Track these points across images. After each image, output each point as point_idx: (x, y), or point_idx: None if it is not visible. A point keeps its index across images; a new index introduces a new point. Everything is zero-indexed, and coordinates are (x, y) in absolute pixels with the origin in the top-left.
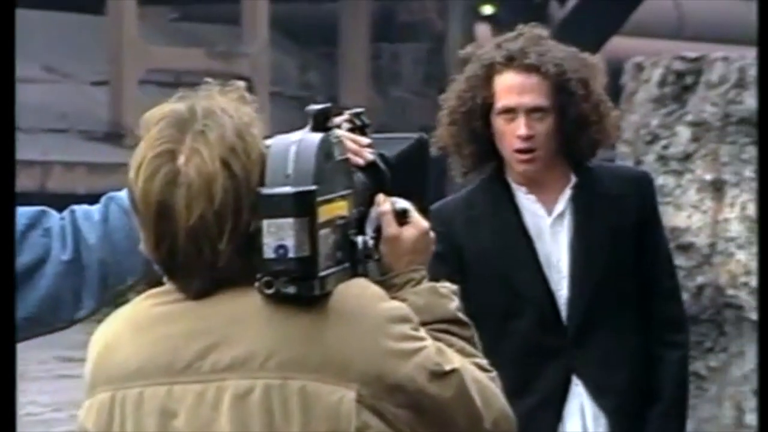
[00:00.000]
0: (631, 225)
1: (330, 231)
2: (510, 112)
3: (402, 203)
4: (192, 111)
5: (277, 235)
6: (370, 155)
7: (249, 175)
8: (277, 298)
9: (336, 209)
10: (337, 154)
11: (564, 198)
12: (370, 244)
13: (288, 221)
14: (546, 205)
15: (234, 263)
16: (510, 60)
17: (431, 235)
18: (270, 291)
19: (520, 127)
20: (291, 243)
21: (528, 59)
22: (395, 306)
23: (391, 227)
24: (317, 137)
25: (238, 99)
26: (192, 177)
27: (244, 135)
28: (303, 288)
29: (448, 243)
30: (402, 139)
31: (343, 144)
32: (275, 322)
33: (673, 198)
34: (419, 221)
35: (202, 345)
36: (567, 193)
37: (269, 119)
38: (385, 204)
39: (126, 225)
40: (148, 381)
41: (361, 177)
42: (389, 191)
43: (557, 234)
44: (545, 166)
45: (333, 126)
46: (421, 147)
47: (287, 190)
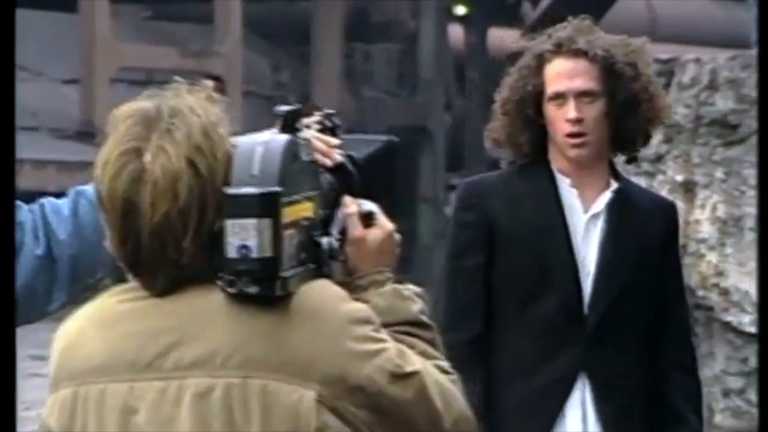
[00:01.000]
0: (657, 246)
1: (294, 232)
2: (560, 97)
3: (368, 205)
4: (159, 109)
5: (241, 235)
6: (338, 156)
7: (214, 175)
8: (240, 297)
9: (301, 210)
10: (304, 155)
11: (603, 199)
12: (335, 245)
13: (251, 222)
14: (584, 203)
15: (198, 261)
16: (559, 47)
17: (396, 238)
18: (233, 290)
19: (570, 111)
20: (254, 243)
21: (576, 45)
22: (357, 308)
23: (357, 229)
24: (284, 138)
25: (206, 98)
26: (157, 175)
27: (210, 134)
28: (265, 288)
29: (480, 213)
30: (372, 141)
31: (311, 145)
32: (238, 321)
33: None
34: (385, 223)
35: (164, 342)
36: (607, 196)
37: (242, 118)
38: (352, 206)
39: (95, 219)
40: (110, 377)
41: (329, 178)
42: (357, 193)
43: (590, 232)
44: (595, 154)
45: (302, 127)
46: (391, 149)
47: (252, 190)
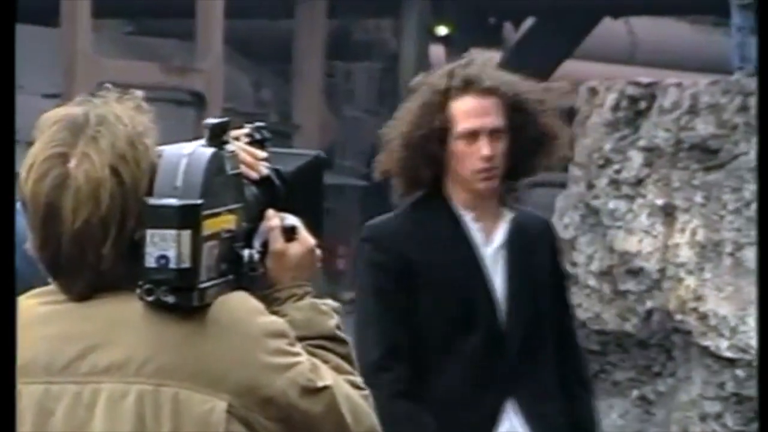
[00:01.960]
0: (549, 266)
1: (215, 243)
2: (472, 134)
3: (291, 219)
4: (86, 116)
5: (160, 246)
6: (264, 170)
7: (137, 184)
8: (157, 305)
9: (222, 222)
10: (229, 168)
11: (502, 231)
12: (255, 257)
13: (171, 233)
14: (486, 236)
15: (117, 268)
16: (467, 84)
17: (317, 253)
18: (150, 298)
19: (483, 148)
20: (173, 254)
21: (485, 82)
22: (272, 320)
23: (278, 242)
24: (209, 151)
25: (134, 108)
26: (81, 181)
27: (135, 144)
28: (182, 298)
29: (392, 254)
30: (300, 156)
31: (237, 158)
32: (154, 328)
33: (624, 222)
34: (306, 238)
35: (81, 346)
36: (504, 227)
37: None
38: (274, 219)
39: None
40: (27, 379)
41: (254, 191)
42: (282, 207)
43: (495, 265)
44: (498, 186)
45: (230, 139)
46: (318, 165)
47: (173, 202)
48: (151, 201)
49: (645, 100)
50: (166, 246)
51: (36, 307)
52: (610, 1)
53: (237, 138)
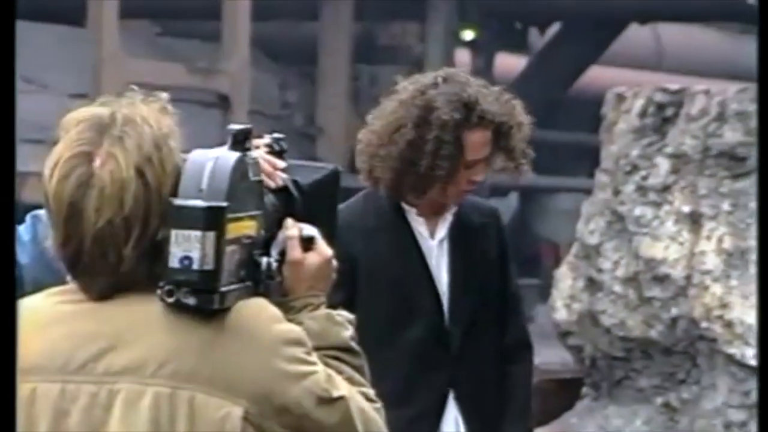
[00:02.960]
0: (495, 257)
1: (236, 248)
2: (476, 163)
3: (309, 230)
4: (113, 117)
5: (184, 246)
6: (282, 179)
7: (161, 186)
8: (177, 307)
9: (244, 228)
10: (252, 174)
11: (445, 224)
12: (273, 265)
13: (196, 234)
14: (430, 228)
15: (138, 269)
16: (481, 119)
17: (334, 264)
18: (171, 300)
19: (478, 175)
20: (196, 255)
21: (489, 117)
22: (290, 329)
23: (296, 252)
24: (234, 156)
25: (159, 109)
26: (105, 181)
27: (161, 146)
28: (203, 300)
29: (341, 248)
30: (318, 169)
31: (259, 166)
32: (172, 331)
33: (651, 229)
34: (324, 249)
35: (98, 346)
36: (448, 219)
37: None
38: (293, 229)
39: None
40: (42, 377)
41: (273, 199)
42: (299, 217)
43: (439, 257)
44: None
45: (252, 146)
46: (335, 178)
47: (199, 203)
48: (177, 202)
49: (672, 106)
50: (190, 247)
51: (54, 306)
52: (637, 8)
53: (257, 147)
